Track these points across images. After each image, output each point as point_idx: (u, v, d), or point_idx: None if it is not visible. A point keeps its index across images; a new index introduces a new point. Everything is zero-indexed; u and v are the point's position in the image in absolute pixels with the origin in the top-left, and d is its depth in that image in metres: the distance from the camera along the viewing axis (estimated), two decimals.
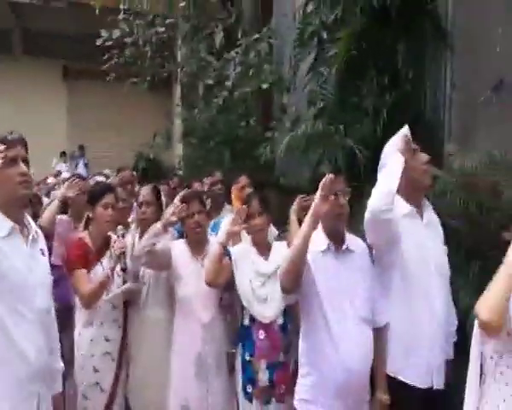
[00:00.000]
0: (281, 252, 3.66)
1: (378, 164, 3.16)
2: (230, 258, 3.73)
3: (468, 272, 3.57)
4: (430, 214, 3.31)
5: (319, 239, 3.11)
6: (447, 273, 3.24)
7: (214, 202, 5.72)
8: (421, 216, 3.27)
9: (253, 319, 3.65)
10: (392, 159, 3.03)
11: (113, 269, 3.78)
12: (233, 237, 3.82)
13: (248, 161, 8.00)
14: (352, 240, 3.18)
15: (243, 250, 3.80)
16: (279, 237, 4.15)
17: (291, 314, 3.65)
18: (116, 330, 3.95)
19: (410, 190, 3.22)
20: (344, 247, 3.12)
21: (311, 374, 3.06)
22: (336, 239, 3.13)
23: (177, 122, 12.54)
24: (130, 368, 4.05)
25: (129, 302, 4.08)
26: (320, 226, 3.16)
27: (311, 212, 2.80)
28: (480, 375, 2.34)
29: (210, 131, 9.49)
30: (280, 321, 3.66)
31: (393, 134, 3.17)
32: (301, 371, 3.13)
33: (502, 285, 2.11)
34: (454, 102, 4.94)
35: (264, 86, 8.25)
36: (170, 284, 3.99)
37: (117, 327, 3.96)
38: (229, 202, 5.77)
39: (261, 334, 3.63)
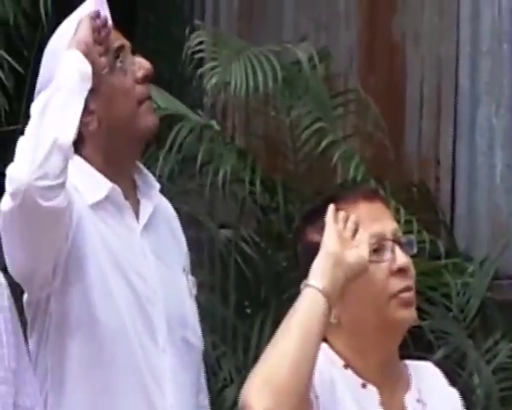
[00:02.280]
0: None
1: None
2: None
3: (250, 325, 2.03)
4: (155, 204, 1.62)
5: None
6: (196, 335, 1.62)
7: None
8: (135, 208, 1.59)
9: None
10: (67, 67, 1.46)
11: None
12: None
13: None
14: None
15: None
16: None
17: None
18: None
19: (109, 142, 1.57)
20: None
21: None
22: None
23: None
24: None
25: None
26: None
27: None
28: None
29: None
30: None
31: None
32: None
33: (297, 339, 1.09)
34: None
35: None
36: None
37: None
38: None
39: None
